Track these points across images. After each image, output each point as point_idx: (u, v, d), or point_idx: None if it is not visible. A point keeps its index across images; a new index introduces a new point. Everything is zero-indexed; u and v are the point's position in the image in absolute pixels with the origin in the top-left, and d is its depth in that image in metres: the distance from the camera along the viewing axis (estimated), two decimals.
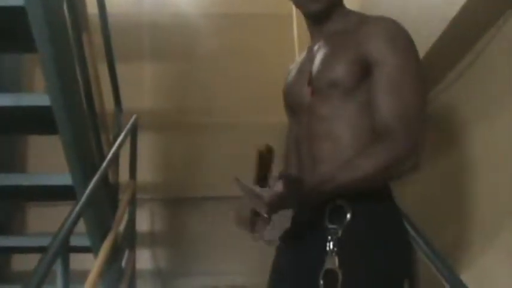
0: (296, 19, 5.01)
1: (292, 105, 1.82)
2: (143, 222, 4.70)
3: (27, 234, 4.73)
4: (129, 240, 3.99)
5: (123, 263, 3.70)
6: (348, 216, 1.59)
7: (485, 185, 2.28)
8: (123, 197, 3.78)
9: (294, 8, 5.27)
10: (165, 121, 4.95)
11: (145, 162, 4.54)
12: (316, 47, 1.79)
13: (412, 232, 2.12)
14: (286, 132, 1.89)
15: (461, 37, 2.25)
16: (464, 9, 2.05)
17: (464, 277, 1.99)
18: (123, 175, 4.00)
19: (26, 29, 2.23)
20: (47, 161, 4.25)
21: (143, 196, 4.58)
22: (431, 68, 2.40)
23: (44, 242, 3.48)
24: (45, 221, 4.46)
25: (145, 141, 4.53)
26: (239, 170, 1.66)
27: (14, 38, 2.41)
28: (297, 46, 4.94)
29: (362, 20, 1.74)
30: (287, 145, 1.87)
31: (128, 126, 3.78)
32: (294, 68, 1.89)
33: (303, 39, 5.06)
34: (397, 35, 1.67)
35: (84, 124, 2.81)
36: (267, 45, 4.80)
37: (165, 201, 4.90)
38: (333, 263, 1.56)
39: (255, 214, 1.63)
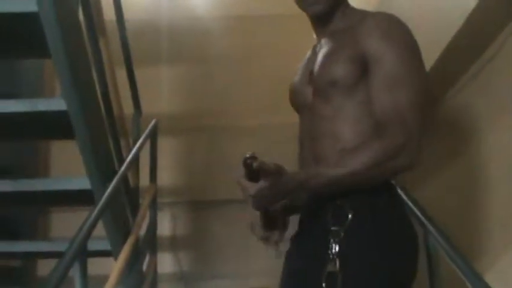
0: None
1: (296, 105, 1.82)
2: (164, 226, 4.71)
3: (51, 239, 4.76)
4: (151, 243, 3.99)
5: (144, 267, 3.70)
6: (349, 216, 1.57)
7: (502, 186, 2.23)
8: (144, 201, 3.78)
9: None
10: (184, 124, 4.96)
11: (165, 166, 4.54)
12: (319, 46, 1.79)
13: (430, 228, 2.09)
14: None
15: (476, 38, 2.21)
16: (478, 9, 2.01)
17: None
18: (144, 179, 4.01)
19: (40, 34, 2.24)
20: (70, 165, 4.29)
21: (164, 200, 4.59)
22: (445, 70, 2.38)
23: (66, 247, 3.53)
24: (69, 226, 4.49)
25: (164, 145, 4.54)
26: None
27: (28, 44, 2.42)
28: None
29: (362, 17, 1.72)
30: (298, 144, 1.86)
31: (148, 130, 3.79)
32: (300, 66, 1.88)
33: None
34: (393, 29, 1.66)
35: (101, 128, 2.82)
36: (284, 46, 4.78)
37: (186, 205, 4.91)
38: (335, 265, 1.55)
39: (266, 225, 1.69)
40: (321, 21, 1.79)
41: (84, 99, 2.50)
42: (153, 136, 3.99)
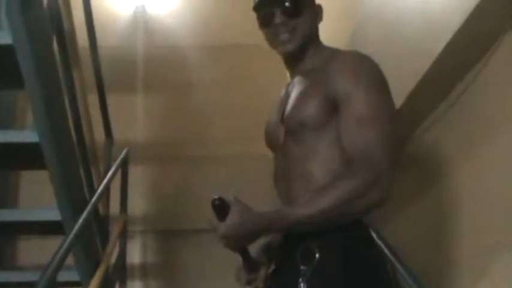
0: None
1: (271, 145, 1.85)
2: (134, 255, 4.68)
3: (19, 268, 4.68)
4: (120, 273, 3.96)
5: None
6: (317, 256, 1.59)
7: (471, 221, 2.28)
8: (114, 230, 3.76)
9: None
10: (157, 153, 4.96)
11: (136, 194, 4.53)
12: (291, 85, 1.83)
13: (398, 267, 2.12)
14: None
15: (443, 77, 2.28)
16: (449, 46, 2.08)
17: None
18: (114, 207, 3.98)
19: (14, 66, 2.23)
20: (40, 195, 4.26)
21: (134, 228, 4.57)
22: (415, 107, 2.44)
23: (35, 276, 3.47)
24: (36, 253, 4.44)
25: (136, 173, 4.53)
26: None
27: (2, 75, 2.41)
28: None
29: (332, 55, 1.76)
30: None
31: (119, 159, 3.78)
32: (275, 106, 1.91)
33: None
34: (362, 68, 1.69)
35: (73, 160, 2.81)
36: (260, 76, 4.83)
37: (156, 233, 4.89)
38: None
39: (248, 268, 1.72)
40: (293, 61, 1.82)
41: (57, 131, 2.50)
42: (124, 165, 3.98)
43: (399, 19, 2.52)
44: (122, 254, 3.97)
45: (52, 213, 2.80)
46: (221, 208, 1.52)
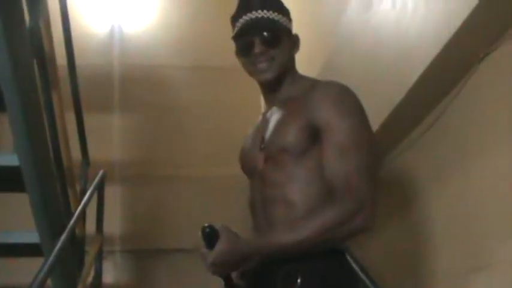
0: None
1: (248, 171, 1.90)
2: (110, 275, 4.65)
3: None
4: None
5: None
6: (298, 281, 1.63)
7: (445, 245, 2.34)
8: (90, 251, 3.74)
9: None
10: (133, 172, 4.96)
11: (112, 214, 4.52)
12: (269, 113, 1.88)
13: None
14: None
15: (417, 105, 2.35)
16: (423, 75, 2.15)
17: None
18: (90, 225, 3.97)
19: None
20: (15, 217, 4.23)
21: (110, 248, 4.55)
22: (389, 132, 2.50)
23: None
24: (11, 272, 4.40)
25: (112, 192, 4.52)
26: (206, 221, 1.69)
27: None
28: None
29: (313, 85, 1.82)
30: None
31: (95, 182, 3.76)
32: (250, 133, 1.96)
33: None
34: (343, 99, 1.76)
35: (52, 182, 2.81)
36: (235, 99, 4.88)
37: (132, 253, 4.88)
38: None
39: None
40: (271, 89, 1.88)
41: (37, 154, 2.50)
42: (100, 187, 3.97)
43: (375, 47, 2.59)
44: (98, 275, 3.96)
45: (31, 236, 2.79)
46: (210, 236, 1.57)
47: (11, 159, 2.46)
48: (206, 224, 1.59)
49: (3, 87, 2.22)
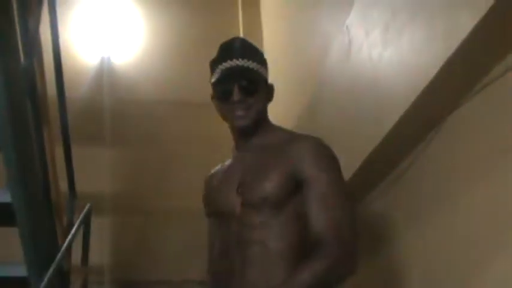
0: None
1: (218, 212, 1.96)
2: None
3: None
4: None
5: None
6: None
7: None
8: (76, 283, 3.78)
9: None
10: (122, 204, 5.02)
11: (100, 245, 4.57)
12: (241, 157, 1.98)
13: None
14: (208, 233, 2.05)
15: (390, 154, 2.45)
16: (397, 125, 2.25)
17: None
18: (77, 256, 4.00)
19: None
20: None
21: (98, 279, 4.59)
22: (365, 176, 2.59)
23: None
24: None
25: (101, 224, 4.57)
26: (191, 255, 1.78)
27: None
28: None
29: (291, 137, 1.95)
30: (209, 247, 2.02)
31: (81, 216, 3.81)
32: (217, 174, 2.05)
33: None
34: (324, 153, 1.90)
35: (41, 216, 2.88)
36: (224, 134, 4.96)
37: (120, 284, 4.90)
38: None
39: None
40: (245, 135, 1.98)
41: (29, 191, 2.59)
42: (86, 221, 4.01)
43: (353, 94, 2.69)
44: None
45: (18, 269, 2.85)
46: None
47: (4, 196, 2.54)
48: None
49: None
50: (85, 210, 3.90)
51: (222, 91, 1.94)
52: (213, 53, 2.02)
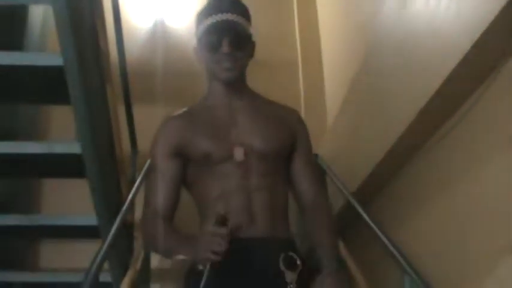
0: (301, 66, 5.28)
1: (217, 160, 1.99)
2: (157, 260, 4.84)
3: (43, 269, 4.87)
4: (145, 277, 4.14)
5: None
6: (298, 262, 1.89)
7: None
8: (139, 237, 3.93)
9: (299, 53, 5.52)
10: None
11: None
12: (234, 109, 2.08)
13: None
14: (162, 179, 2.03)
15: (445, 104, 2.48)
16: (454, 71, 2.27)
17: None
18: (138, 213, 4.15)
19: (63, 84, 2.45)
20: (61, 202, 4.50)
21: None
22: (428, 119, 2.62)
23: (57, 278, 3.69)
24: (58, 256, 4.65)
25: None
26: None
27: (52, 93, 2.63)
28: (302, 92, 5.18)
29: (277, 104, 2.21)
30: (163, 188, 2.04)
31: (143, 171, 3.92)
32: (193, 119, 2.11)
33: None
34: (305, 124, 2.22)
35: (109, 169, 3.02)
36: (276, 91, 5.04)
37: None
38: None
39: None
40: (229, 87, 2.08)
41: (97, 143, 2.72)
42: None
43: (408, 43, 2.71)
44: (147, 259, 4.15)
45: (89, 219, 3.01)
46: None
47: (74, 147, 2.67)
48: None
49: (70, 82, 2.43)
50: (146, 165, 4.02)
51: (210, 42, 2.01)
52: (266, 14, 2.10)
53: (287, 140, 2.07)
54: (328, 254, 1.88)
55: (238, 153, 1.97)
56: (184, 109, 2.16)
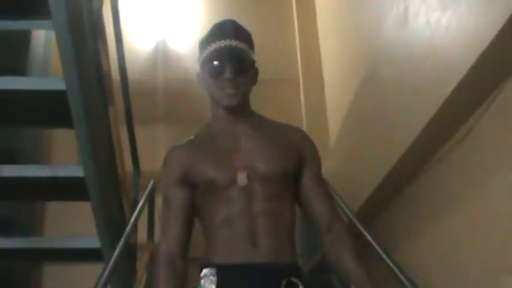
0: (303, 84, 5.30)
1: (212, 183, 1.97)
2: None
3: None
4: None
5: None
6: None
7: None
8: (142, 258, 3.93)
9: (300, 73, 5.55)
10: None
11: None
12: (238, 134, 2.05)
13: None
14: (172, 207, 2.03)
15: (450, 118, 2.47)
16: (453, 93, 2.27)
17: None
18: (141, 233, 4.15)
19: (65, 108, 2.47)
20: (64, 224, 4.50)
21: None
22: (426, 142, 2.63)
23: None
24: (61, 279, 4.64)
25: (160, 201, 4.68)
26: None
27: (54, 116, 2.64)
28: (304, 111, 5.19)
29: (282, 124, 2.16)
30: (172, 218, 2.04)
31: (146, 192, 3.94)
32: (196, 148, 2.08)
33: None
34: (313, 142, 2.16)
35: (111, 192, 3.02)
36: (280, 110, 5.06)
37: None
38: None
39: None
40: (232, 113, 2.05)
41: (100, 166, 2.72)
42: (150, 197, 4.15)
43: (410, 60, 2.72)
44: (150, 280, 4.14)
45: (92, 242, 3.01)
46: None
47: (77, 171, 2.68)
48: None
49: (72, 105, 2.44)
50: (149, 186, 4.03)
51: (214, 68, 2.00)
52: (268, 34, 2.10)
53: (293, 160, 2.02)
54: (364, 283, 1.87)
55: (241, 178, 1.95)
56: (191, 137, 2.16)
